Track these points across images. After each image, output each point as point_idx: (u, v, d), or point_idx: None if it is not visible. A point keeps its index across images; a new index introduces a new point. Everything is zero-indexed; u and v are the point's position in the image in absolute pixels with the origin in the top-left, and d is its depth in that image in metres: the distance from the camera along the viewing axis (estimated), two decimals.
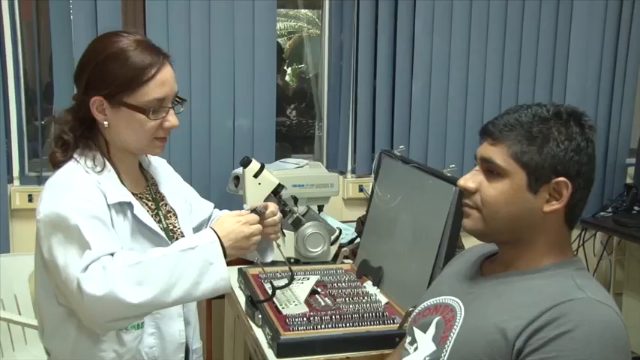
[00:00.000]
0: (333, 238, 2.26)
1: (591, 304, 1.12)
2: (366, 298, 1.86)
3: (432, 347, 1.25)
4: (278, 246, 1.65)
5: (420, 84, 2.96)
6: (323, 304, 1.81)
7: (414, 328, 1.34)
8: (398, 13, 2.91)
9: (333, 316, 1.70)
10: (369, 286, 1.95)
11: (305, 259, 2.21)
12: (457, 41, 2.98)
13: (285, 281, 1.93)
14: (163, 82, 1.38)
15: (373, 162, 2.59)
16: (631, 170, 3.19)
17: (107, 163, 1.42)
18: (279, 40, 3.81)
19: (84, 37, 2.57)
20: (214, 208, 1.78)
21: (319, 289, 1.91)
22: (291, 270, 1.70)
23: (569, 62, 3.11)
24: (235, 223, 1.41)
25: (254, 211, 1.49)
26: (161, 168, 1.63)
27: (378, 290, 1.91)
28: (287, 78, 4.41)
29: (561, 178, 1.18)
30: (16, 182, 2.68)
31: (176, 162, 2.64)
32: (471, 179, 1.25)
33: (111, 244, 1.31)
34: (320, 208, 2.67)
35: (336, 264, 2.21)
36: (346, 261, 2.24)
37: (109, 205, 1.37)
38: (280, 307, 1.75)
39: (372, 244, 2.08)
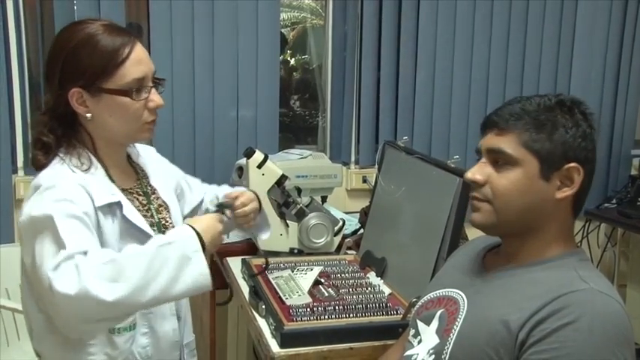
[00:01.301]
0: (336, 228, 2.26)
1: (594, 296, 1.12)
2: (369, 288, 1.87)
3: (436, 340, 1.26)
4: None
5: (424, 75, 2.95)
6: (326, 294, 1.81)
7: (418, 321, 1.34)
8: (402, 4, 2.90)
9: (337, 307, 1.71)
10: (372, 277, 1.95)
11: (308, 250, 2.21)
12: (461, 32, 2.97)
13: (287, 272, 1.93)
14: (139, 60, 1.34)
15: (377, 153, 2.59)
16: (636, 161, 3.19)
17: (94, 160, 1.37)
18: (282, 30, 3.79)
19: None
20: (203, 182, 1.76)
21: (323, 280, 1.92)
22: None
23: (573, 52, 3.09)
24: (211, 218, 1.37)
25: (220, 206, 1.49)
26: (149, 158, 1.58)
27: (382, 281, 1.91)
28: (290, 68, 4.40)
29: (573, 164, 1.19)
30: (21, 172, 2.68)
31: (180, 153, 2.68)
32: (479, 172, 1.24)
33: (87, 243, 1.23)
34: (323, 199, 2.66)
35: (340, 255, 2.21)
36: (349, 252, 2.24)
37: (96, 208, 1.31)
38: (284, 298, 1.75)
39: (376, 235, 2.09)
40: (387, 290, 1.85)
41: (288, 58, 4.41)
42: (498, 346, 1.14)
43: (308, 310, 1.69)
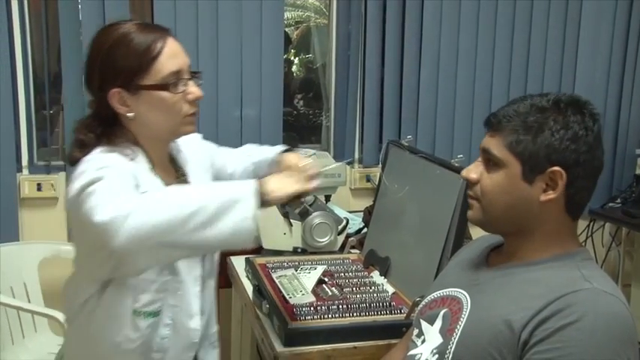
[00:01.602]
0: (340, 228, 2.26)
1: (597, 295, 1.12)
2: (373, 287, 1.87)
3: (439, 339, 1.26)
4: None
5: (428, 74, 2.95)
6: (330, 293, 1.81)
7: (421, 321, 1.34)
8: (406, 3, 2.90)
9: (340, 306, 1.71)
10: (376, 276, 1.95)
11: (312, 249, 2.21)
12: (465, 31, 2.96)
13: (291, 271, 1.94)
14: (173, 53, 1.34)
15: (381, 152, 2.58)
16: None
17: (138, 153, 1.37)
18: (286, 29, 3.79)
19: (92, 26, 2.56)
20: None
21: (326, 279, 1.92)
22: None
23: (578, 51, 3.08)
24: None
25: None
26: (189, 152, 1.55)
27: (385, 280, 1.91)
28: (294, 68, 4.40)
29: (556, 168, 1.18)
30: (25, 171, 2.69)
31: None
32: (473, 170, 1.26)
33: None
34: (327, 198, 2.66)
35: (343, 254, 2.21)
36: (353, 251, 2.24)
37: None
38: (287, 297, 1.76)
39: (379, 234, 2.09)
40: (390, 289, 1.85)
41: (292, 57, 4.41)
42: (501, 346, 1.14)
43: (312, 309, 1.69)
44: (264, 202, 1.23)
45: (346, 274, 1.98)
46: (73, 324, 1.44)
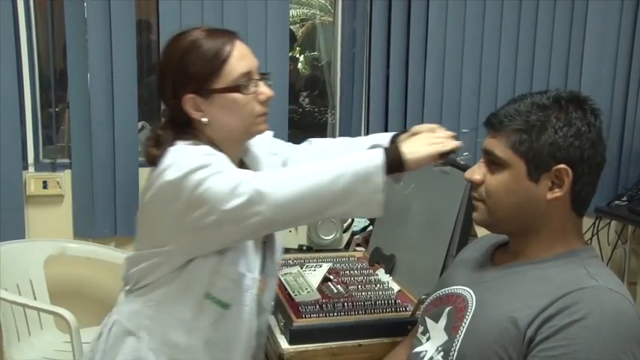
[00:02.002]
0: (345, 225, 2.26)
1: (603, 293, 1.12)
2: (378, 285, 1.87)
3: (445, 337, 1.26)
4: None
5: (434, 71, 2.94)
6: (335, 291, 1.81)
7: (426, 318, 1.34)
8: (411, 2, 2.89)
9: (346, 304, 1.71)
10: (381, 274, 1.95)
11: (317, 247, 2.21)
12: (471, 29, 2.95)
13: (296, 268, 1.94)
14: (242, 55, 1.37)
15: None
16: None
17: (220, 152, 1.39)
18: (291, 27, 3.79)
19: (97, 23, 2.57)
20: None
21: (331, 277, 1.92)
22: None
23: (584, 50, 3.07)
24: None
25: None
26: (260, 153, 1.55)
27: (391, 278, 1.91)
28: (300, 65, 4.40)
29: (561, 165, 1.18)
30: (31, 169, 2.70)
31: None
32: (477, 172, 1.26)
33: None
34: None
35: (349, 251, 2.21)
36: (358, 249, 2.24)
37: None
38: (293, 294, 1.76)
39: (385, 232, 2.08)
40: (395, 287, 1.85)
41: (297, 55, 4.41)
42: (507, 344, 1.14)
43: (317, 306, 1.69)
44: (402, 166, 1.26)
45: (351, 271, 1.98)
46: (140, 296, 1.44)
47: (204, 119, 1.37)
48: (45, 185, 2.67)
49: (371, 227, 2.30)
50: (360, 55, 2.96)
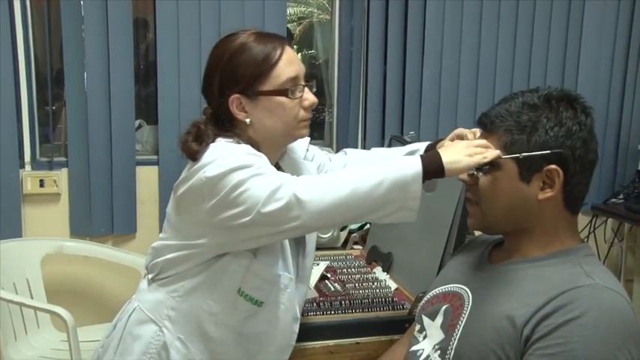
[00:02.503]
0: None
1: (599, 291, 1.12)
2: (375, 283, 1.87)
3: (441, 335, 1.26)
4: None
5: (431, 69, 2.95)
6: (333, 289, 1.82)
7: (423, 317, 1.35)
8: (409, 0, 2.89)
9: (343, 302, 1.71)
10: (378, 272, 1.95)
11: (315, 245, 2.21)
12: (468, 26, 2.95)
13: None
14: (291, 60, 1.39)
15: (383, 147, 2.59)
16: None
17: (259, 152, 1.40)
18: (289, 25, 3.79)
19: (94, 22, 2.57)
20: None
21: (329, 275, 1.92)
22: None
23: (581, 49, 3.08)
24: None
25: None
26: (296, 159, 1.57)
27: (388, 276, 1.92)
28: None
29: (552, 166, 1.18)
30: (28, 167, 2.69)
31: None
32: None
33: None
34: None
35: (346, 250, 2.22)
36: (356, 247, 2.25)
37: None
38: None
39: (382, 230, 2.09)
40: (393, 285, 1.86)
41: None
42: (504, 342, 1.14)
43: (314, 305, 1.70)
44: (440, 174, 1.25)
45: (349, 269, 1.98)
46: (164, 286, 1.44)
47: (248, 120, 1.39)
48: (42, 184, 2.67)
49: (368, 225, 2.31)
50: (357, 53, 2.96)
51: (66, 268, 2.69)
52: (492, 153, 1.21)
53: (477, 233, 1.54)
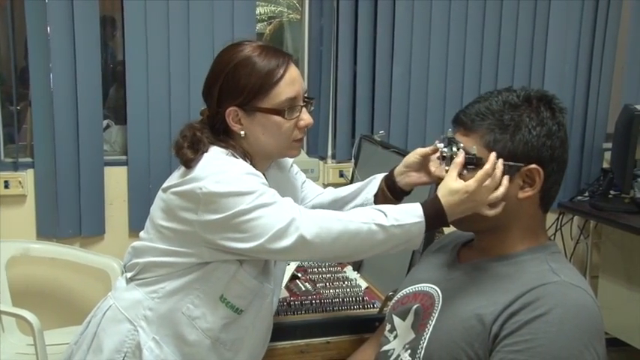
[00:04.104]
0: None
1: (565, 288, 1.14)
2: (346, 282, 1.88)
3: (412, 335, 1.26)
4: None
5: (400, 69, 2.96)
6: (303, 289, 1.82)
7: (393, 316, 1.35)
8: None
9: (314, 301, 1.71)
10: (349, 271, 1.96)
11: None
12: (437, 26, 2.98)
13: None
14: (292, 80, 1.38)
15: (353, 147, 2.59)
16: (607, 155, 3.23)
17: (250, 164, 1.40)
18: (259, 25, 3.77)
19: (59, 21, 2.53)
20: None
21: (299, 274, 1.92)
22: None
23: (547, 48, 3.12)
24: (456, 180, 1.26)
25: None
26: (280, 172, 1.58)
27: (358, 275, 1.92)
28: None
29: (533, 165, 1.19)
30: None
31: (155, 149, 2.66)
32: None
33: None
34: None
35: None
36: None
37: None
38: None
39: None
40: (363, 284, 1.86)
41: None
42: (473, 340, 1.15)
43: (285, 304, 1.70)
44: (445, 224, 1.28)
45: (319, 269, 1.99)
46: (143, 286, 1.43)
47: (243, 132, 1.39)
48: (7, 185, 2.61)
49: None
50: (327, 52, 2.96)
51: (32, 271, 2.65)
52: (497, 210, 1.21)
53: (447, 231, 1.56)
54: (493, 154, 1.20)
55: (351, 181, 2.19)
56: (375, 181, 1.54)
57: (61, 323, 2.44)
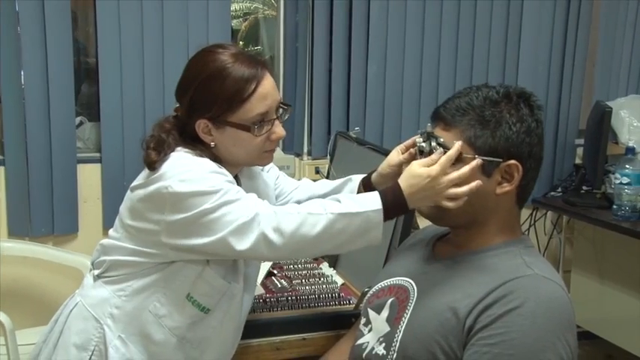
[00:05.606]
0: None
1: (538, 281, 1.15)
2: (322, 279, 1.88)
3: (386, 328, 1.27)
4: None
5: (376, 66, 2.97)
6: (279, 285, 1.82)
7: (369, 310, 1.36)
8: None
9: (290, 298, 1.71)
10: (325, 268, 1.96)
11: None
12: (412, 24, 2.99)
13: None
14: (264, 95, 1.36)
15: (329, 144, 2.60)
16: (580, 151, 3.27)
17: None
18: (234, 21, 3.76)
19: (30, 16, 2.49)
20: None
21: (275, 271, 1.92)
22: None
23: (520, 47, 3.15)
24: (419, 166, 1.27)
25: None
26: (252, 169, 1.56)
27: (334, 271, 1.93)
28: None
29: (512, 161, 1.20)
30: None
31: (129, 145, 2.63)
32: (425, 164, 1.25)
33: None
34: None
35: None
36: None
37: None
38: None
39: None
40: (339, 280, 1.87)
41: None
42: (447, 333, 1.16)
43: (261, 301, 1.69)
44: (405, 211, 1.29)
45: (295, 265, 1.99)
46: (109, 284, 1.43)
47: (212, 143, 1.38)
48: None
49: None
50: (302, 49, 2.95)
51: (4, 270, 2.60)
52: (464, 192, 1.21)
53: (422, 226, 1.57)
54: (458, 143, 1.20)
55: (327, 178, 2.19)
56: (352, 184, 1.55)
57: (33, 322, 2.40)
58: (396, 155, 1.45)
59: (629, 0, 3.26)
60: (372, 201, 1.28)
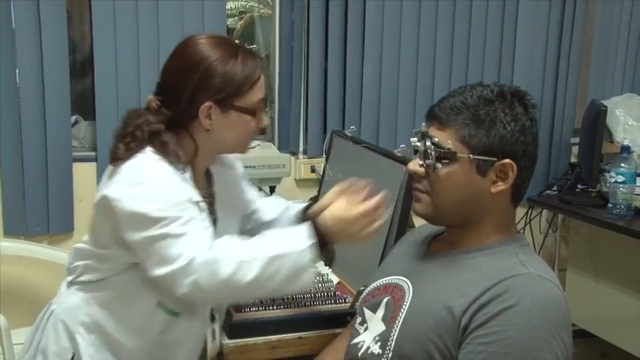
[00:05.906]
0: None
1: (533, 280, 1.15)
2: (317, 278, 1.88)
3: (382, 327, 1.27)
4: None
5: (371, 64, 2.97)
6: None
7: (364, 309, 1.36)
8: None
9: (285, 297, 1.71)
10: (320, 266, 1.96)
11: None
12: (408, 23, 2.99)
13: None
14: (263, 82, 1.41)
15: (324, 142, 2.60)
16: (575, 149, 3.28)
17: (187, 166, 1.39)
18: (229, 20, 3.75)
19: (25, 15, 2.48)
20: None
21: None
22: None
23: (516, 46, 3.15)
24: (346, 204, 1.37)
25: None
26: (232, 173, 1.59)
27: (330, 270, 1.93)
28: None
29: (507, 160, 1.20)
30: None
31: None
32: (420, 163, 1.26)
33: (203, 232, 1.33)
34: (272, 189, 2.66)
35: None
36: None
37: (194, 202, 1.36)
38: None
39: None
40: (335, 279, 1.87)
41: None
42: (442, 332, 1.16)
43: (257, 300, 1.69)
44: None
45: None
46: (82, 291, 1.43)
47: (209, 128, 1.38)
48: None
49: None
50: (298, 48, 2.95)
51: None
52: (382, 215, 1.35)
53: (417, 225, 1.57)
54: (383, 193, 1.32)
55: (323, 176, 2.19)
56: (289, 213, 1.64)
57: (29, 322, 2.38)
58: (331, 197, 1.45)
59: (624, 0, 3.27)
60: (301, 237, 1.33)
